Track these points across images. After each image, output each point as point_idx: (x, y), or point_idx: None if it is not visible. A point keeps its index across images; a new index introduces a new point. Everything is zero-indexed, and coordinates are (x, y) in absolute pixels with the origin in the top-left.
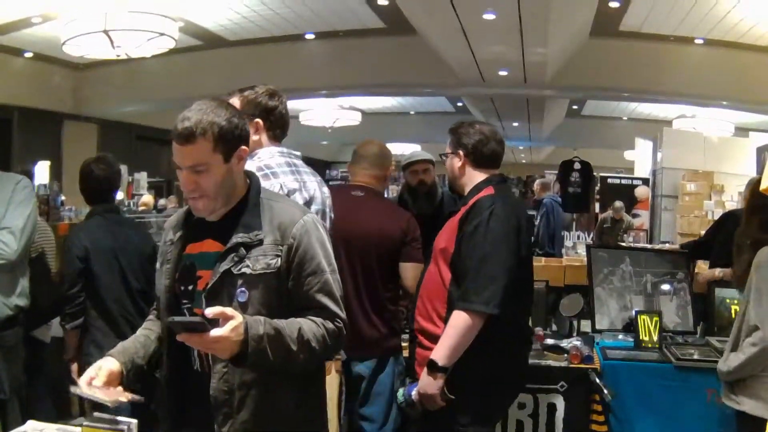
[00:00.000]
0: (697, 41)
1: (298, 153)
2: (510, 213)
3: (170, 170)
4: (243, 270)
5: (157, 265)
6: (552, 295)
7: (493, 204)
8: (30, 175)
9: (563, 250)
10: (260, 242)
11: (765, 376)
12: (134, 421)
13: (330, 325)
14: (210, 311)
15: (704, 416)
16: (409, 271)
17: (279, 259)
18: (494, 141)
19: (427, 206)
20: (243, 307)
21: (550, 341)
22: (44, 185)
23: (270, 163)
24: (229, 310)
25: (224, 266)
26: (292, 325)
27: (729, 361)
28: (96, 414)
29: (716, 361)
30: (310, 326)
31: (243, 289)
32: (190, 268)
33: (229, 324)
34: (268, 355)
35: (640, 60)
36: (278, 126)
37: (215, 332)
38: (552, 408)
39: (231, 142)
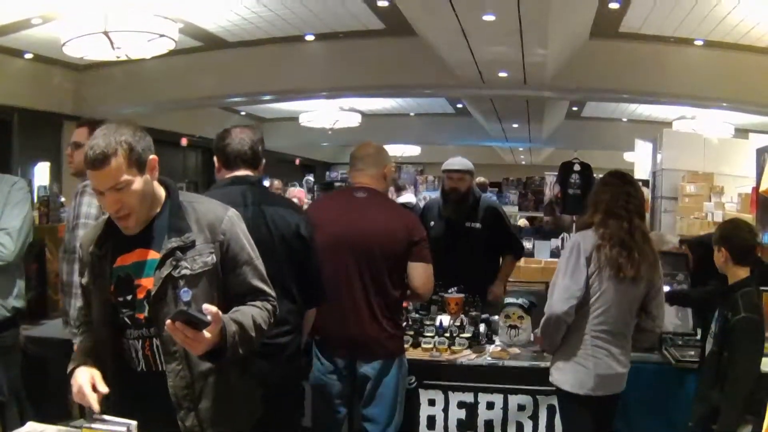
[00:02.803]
0: (697, 42)
1: None
2: None
3: (170, 172)
4: (183, 272)
5: (83, 281)
6: None
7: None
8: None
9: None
10: (193, 243)
11: (567, 349)
12: (134, 422)
13: (268, 305)
14: (209, 309)
15: None
16: (417, 270)
17: (214, 255)
18: (237, 141)
19: (453, 213)
20: (188, 306)
21: None
22: (44, 186)
23: None
24: (220, 314)
25: (165, 271)
26: (246, 316)
27: None
28: (95, 416)
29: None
30: (258, 312)
31: (186, 289)
32: (126, 279)
33: (217, 327)
34: (237, 349)
35: (640, 61)
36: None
37: (207, 333)
38: (552, 410)
39: (141, 154)
